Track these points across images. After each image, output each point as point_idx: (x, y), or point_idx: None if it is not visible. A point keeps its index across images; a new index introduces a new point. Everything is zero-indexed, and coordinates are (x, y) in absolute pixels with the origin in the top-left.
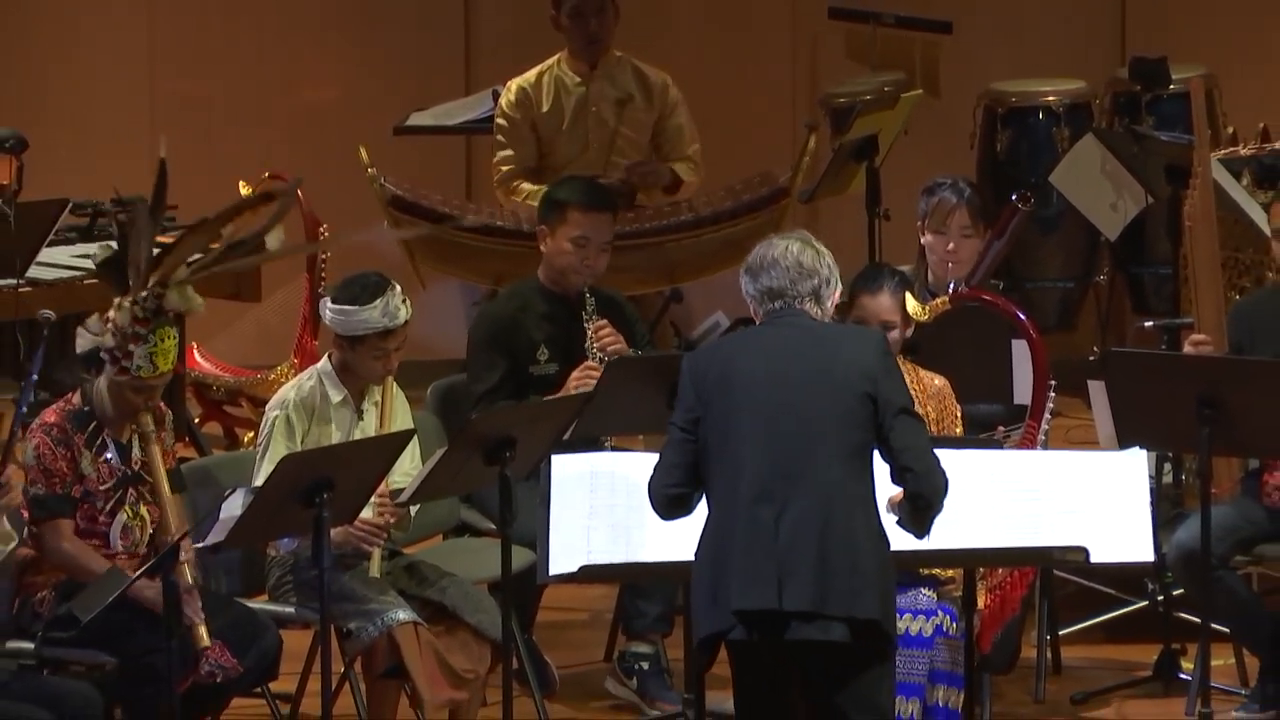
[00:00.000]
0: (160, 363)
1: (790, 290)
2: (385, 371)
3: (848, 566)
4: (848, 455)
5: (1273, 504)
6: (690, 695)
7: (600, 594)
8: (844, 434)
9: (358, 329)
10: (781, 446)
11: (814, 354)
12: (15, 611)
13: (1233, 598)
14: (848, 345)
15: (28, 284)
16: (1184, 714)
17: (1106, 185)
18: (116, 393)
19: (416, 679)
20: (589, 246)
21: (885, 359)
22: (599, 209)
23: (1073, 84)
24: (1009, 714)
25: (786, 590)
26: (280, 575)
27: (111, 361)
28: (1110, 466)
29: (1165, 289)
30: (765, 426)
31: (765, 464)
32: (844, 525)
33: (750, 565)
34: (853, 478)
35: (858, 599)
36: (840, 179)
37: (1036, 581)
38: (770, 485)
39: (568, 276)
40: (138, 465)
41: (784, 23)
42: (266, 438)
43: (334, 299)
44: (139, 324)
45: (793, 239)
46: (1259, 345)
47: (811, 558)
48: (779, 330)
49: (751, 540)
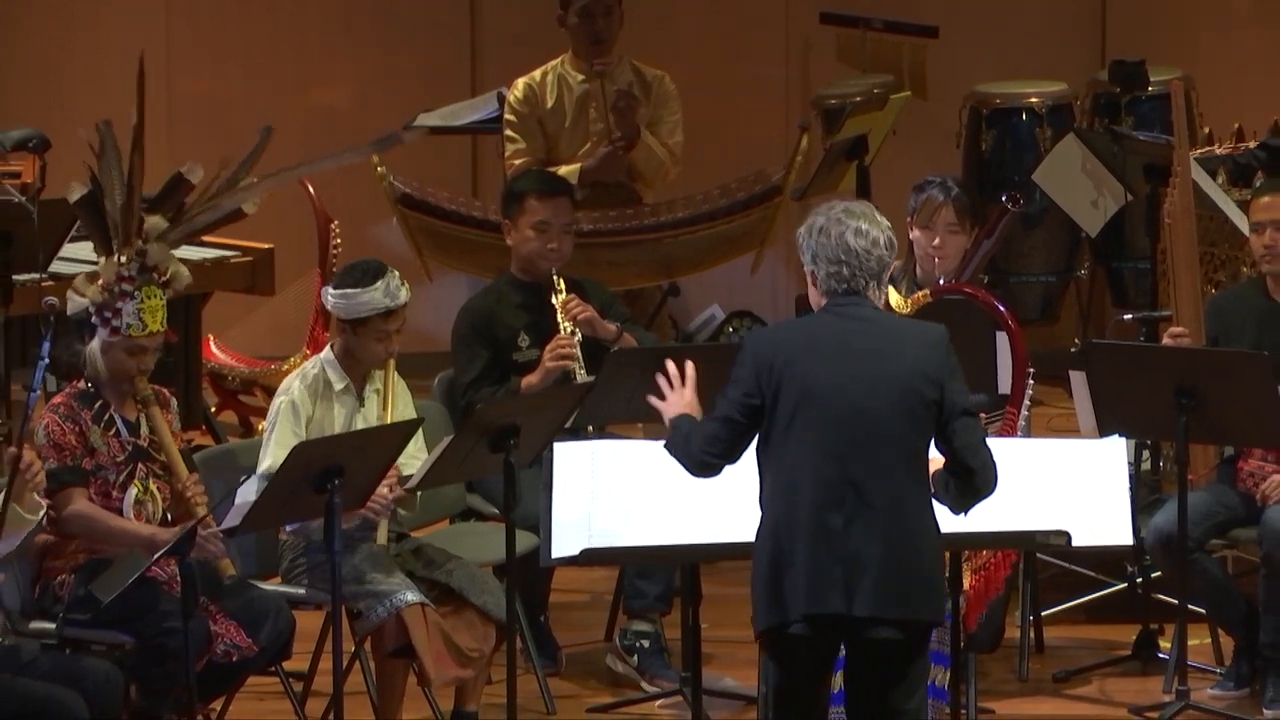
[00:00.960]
0: (149, 320)
1: (860, 274)
2: (387, 353)
3: (912, 572)
4: (911, 459)
5: (1247, 489)
6: (688, 673)
7: (601, 575)
8: (909, 438)
9: (361, 310)
10: (849, 453)
11: (881, 355)
12: (37, 594)
13: (1208, 580)
14: (914, 346)
15: (50, 278)
16: (1162, 692)
17: (1087, 183)
18: (110, 356)
19: (424, 658)
20: (550, 230)
21: (949, 359)
22: (555, 194)
23: (1054, 86)
24: (994, 691)
25: (856, 597)
26: (293, 559)
27: (102, 323)
28: (1091, 453)
29: (1144, 283)
30: (831, 430)
31: (831, 468)
32: (909, 531)
33: (817, 570)
34: (915, 481)
35: (923, 603)
36: (831, 177)
37: (1020, 564)
38: (837, 491)
39: (535, 262)
40: (145, 440)
41: (777, 27)
42: (273, 422)
43: (336, 285)
44: (125, 281)
45: (859, 215)
46: (1234, 337)
47: (879, 565)
48: (844, 323)
49: (818, 545)
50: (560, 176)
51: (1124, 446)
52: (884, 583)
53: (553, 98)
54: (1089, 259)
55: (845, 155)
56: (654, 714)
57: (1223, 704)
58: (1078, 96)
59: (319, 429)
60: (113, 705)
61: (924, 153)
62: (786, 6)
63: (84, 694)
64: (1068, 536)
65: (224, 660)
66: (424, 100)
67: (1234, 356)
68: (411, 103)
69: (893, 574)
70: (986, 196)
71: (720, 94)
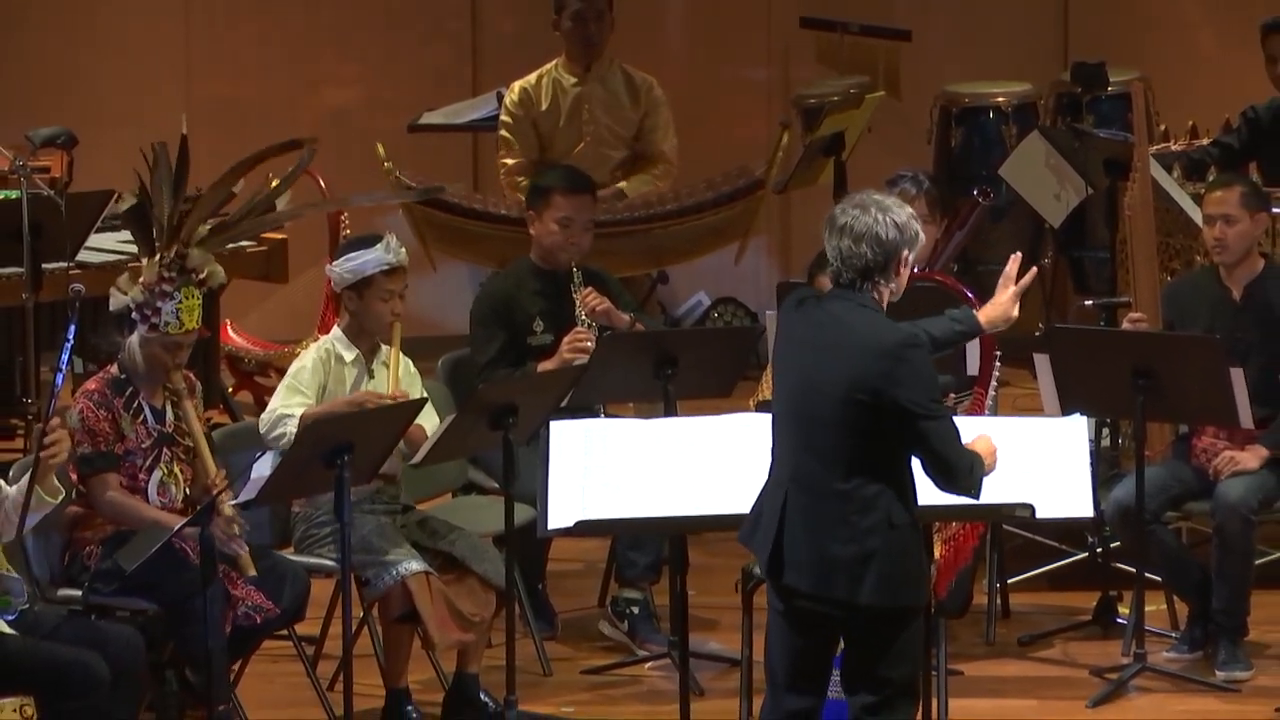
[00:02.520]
0: (186, 319)
1: (852, 267)
2: (392, 315)
3: (847, 561)
4: (855, 459)
5: (1200, 465)
6: (675, 637)
7: (594, 546)
8: (850, 439)
9: (366, 269)
10: (796, 445)
11: (837, 354)
12: (66, 564)
13: (1164, 549)
14: (869, 354)
15: (77, 266)
16: (1120, 654)
17: (1050, 177)
18: (148, 351)
19: (428, 623)
20: (573, 226)
21: (890, 370)
22: (580, 192)
23: (1020, 86)
24: (962, 654)
25: (788, 570)
26: (305, 529)
27: (142, 320)
28: (1054, 431)
29: (1104, 271)
30: (788, 420)
31: (786, 453)
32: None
33: (764, 535)
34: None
35: (857, 586)
36: (810, 172)
37: (987, 535)
38: (787, 474)
39: (556, 254)
40: (170, 428)
41: (760, 31)
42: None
43: (338, 257)
44: (166, 282)
45: (887, 208)
46: (1188, 322)
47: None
48: (827, 315)
49: (769, 514)
50: (585, 175)
51: (1085, 425)
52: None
53: (547, 100)
54: (1052, 249)
55: (823, 151)
56: (644, 675)
57: (1177, 666)
58: (1041, 96)
59: (330, 396)
60: (134, 666)
61: (897, 149)
62: (768, 12)
63: (106, 656)
64: (1032, 509)
65: (247, 623)
66: (428, 100)
67: (1188, 340)
68: (416, 102)
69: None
70: (955, 190)
71: (706, 94)
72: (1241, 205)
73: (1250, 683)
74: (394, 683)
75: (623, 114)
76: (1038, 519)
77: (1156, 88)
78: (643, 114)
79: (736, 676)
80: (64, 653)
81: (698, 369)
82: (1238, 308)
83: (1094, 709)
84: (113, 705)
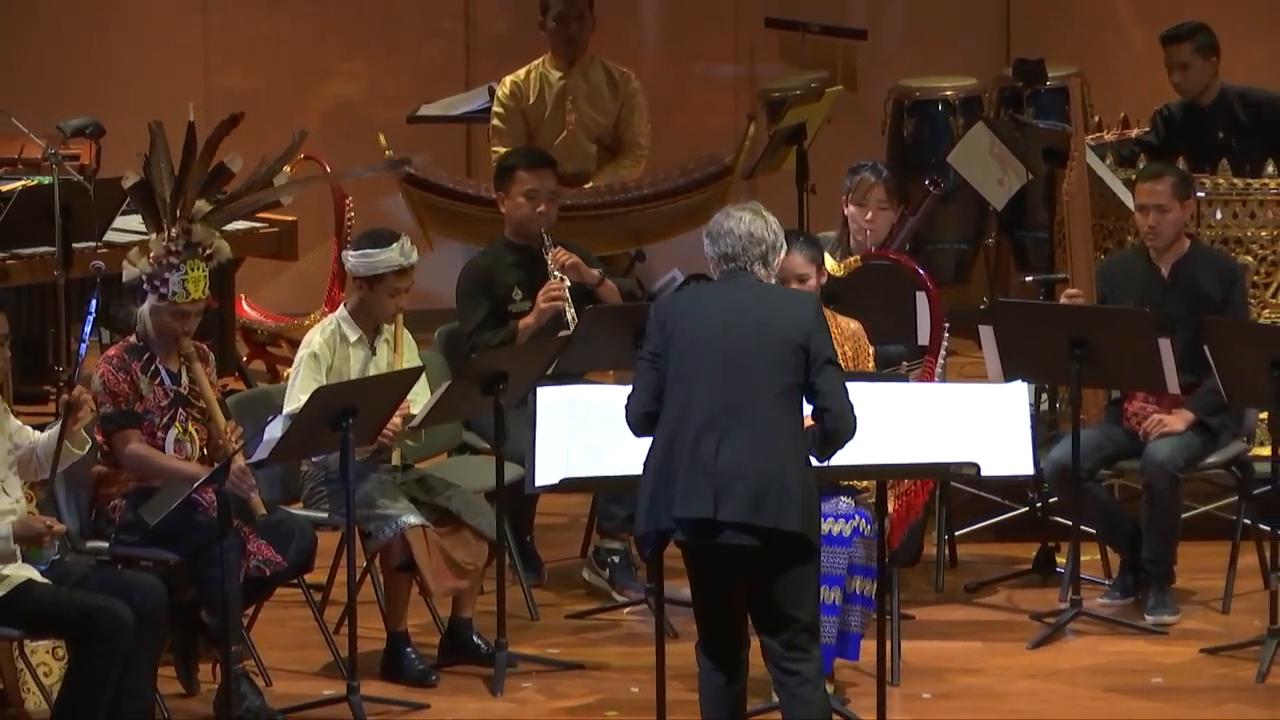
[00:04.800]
0: (192, 289)
1: (742, 256)
2: (397, 308)
3: (777, 486)
4: (780, 395)
5: (1131, 427)
6: (651, 584)
7: (578, 501)
8: (778, 378)
9: (379, 268)
10: (725, 385)
11: (758, 310)
12: (94, 518)
13: (1098, 505)
14: (787, 305)
15: (104, 246)
16: (1058, 600)
17: (994, 164)
18: (157, 319)
19: (425, 572)
20: (539, 197)
21: (817, 318)
22: (540, 166)
23: (966, 81)
24: (914, 600)
25: (722, 504)
26: (313, 487)
27: (152, 290)
28: (997, 396)
29: (1042, 250)
30: (712, 368)
31: (711, 399)
32: (775, 451)
33: (692, 482)
34: (784, 413)
35: (784, 514)
36: (775, 159)
37: (936, 491)
38: (714, 416)
39: (526, 226)
40: (186, 389)
41: (728, 30)
42: (297, 370)
43: (356, 247)
44: (172, 255)
45: (746, 210)
46: (1120, 297)
47: (746, 478)
48: (731, 288)
49: (694, 461)
50: (545, 152)
51: (1025, 390)
52: (747, 494)
53: (535, 93)
54: (995, 229)
55: (786, 140)
56: (623, 619)
57: (1110, 611)
58: (986, 90)
59: (337, 375)
60: (156, 612)
61: (854, 139)
62: (735, 12)
63: (130, 603)
64: (977, 467)
65: (258, 574)
66: (425, 93)
67: (1120, 313)
68: (415, 95)
69: (755, 487)
70: (907, 177)
71: (679, 88)
72: (1173, 195)
73: (1177, 626)
74: (394, 626)
75: (603, 105)
76: (982, 476)
77: (1091, 81)
78: (621, 104)
79: None
80: (92, 600)
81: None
82: (1166, 284)
83: (1034, 650)
84: (137, 647)
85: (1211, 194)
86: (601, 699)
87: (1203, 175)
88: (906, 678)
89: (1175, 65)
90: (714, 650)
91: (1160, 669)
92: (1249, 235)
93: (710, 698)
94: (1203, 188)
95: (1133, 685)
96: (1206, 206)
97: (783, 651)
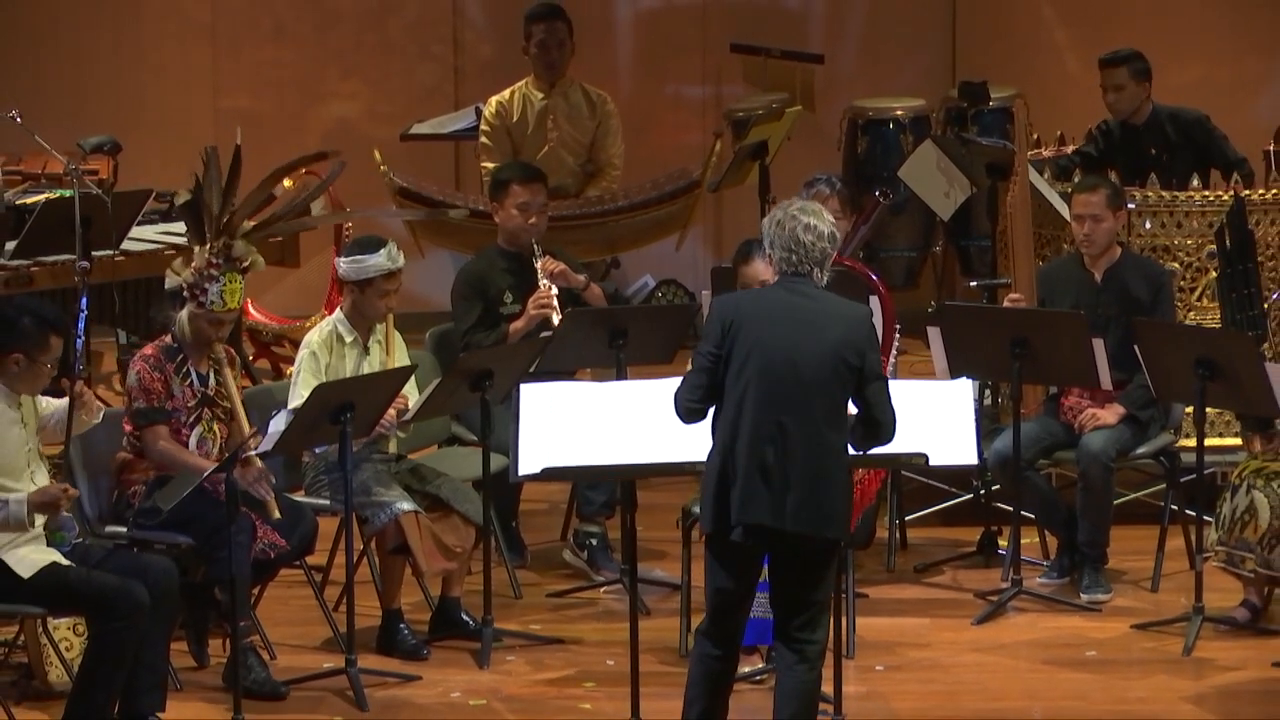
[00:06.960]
0: (229, 299)
1: (805, 260)
2: (387, 309)
3: (824, 499)
4: (831, 409)
5: (1067, 421)
6: (626, 565)
7: (558, 489)
8: (833, 392)
9: (368, 272)
10: (782, 397)
11: (819, 324)
12: (114, 503)
13: (1037, 492)
14: (843, 323)
15: (122, 254)
16: (1000, 580)
17: (941, 178)
18: (195, 324)
19: (417, 554)
20: (530, 209)
21: (870, 337)
22: (533, 180)
23: (915, 101)
24: (868, 580)
25: (780, 514)
26: (314, 475)
27: (191, 298)
28: (944, 392)
29: (985, 257)
30: (769, 379)
31: (767, 410)
32: (825, 467)
33: (752, 489)
34: (833, 428)
35: (830, 523)
36: (739, 174)
37: (888, 479)
38: (771, 429)
39: (519, 235)
40: (212, 391)
41: (696, 55)
42: (298, 369)
43: (346, 254)
44: (213, 266)
45: (808, 214)
46: (1058, 300)
47: (798, 491)
48: (791, 297)
49: (753, 470)
50: (537, 167)
51: (970, 386)
52: (802, 505)
53: (518, 112)
54: (942, 238)
55: (750, 156)
56: (600, 598)
57: (1048, 590)
58: (934, 110)
59: (334, 373)
60: (170, 592)
61: (812, 155)
62: (703, 39)
63: (146, 583)
64: (925, 457)
65: (264, 557)
66: (417, 113)
67: (1057, 316)
68: (407, 115)
69: (809, 499)
70: (861, 190)
71: (650, 108)
72: (1106, 206)
73: (1110, 604)
74: (389, 604)
75: (582, 123)
76: (930, 466)
77: (1030, 101)
78: (598, 124)
79: (677, 599)
80: (111, 580)
81: (645, 340)
82: (1099, 288)
83: (978, 626)
84: (152, 625)
85: (1141, 206)
86: (579, 671)
87: (1133, 188)
88: (861, 651)
89: (1111, 86)
90: (717, 636)
91: (1094, 643)
92: (1176, 244)
93: (701, 679)
94: (1133, 199)
95: (1069, 658)
96: (1137, 217)
97: (795, 630)
